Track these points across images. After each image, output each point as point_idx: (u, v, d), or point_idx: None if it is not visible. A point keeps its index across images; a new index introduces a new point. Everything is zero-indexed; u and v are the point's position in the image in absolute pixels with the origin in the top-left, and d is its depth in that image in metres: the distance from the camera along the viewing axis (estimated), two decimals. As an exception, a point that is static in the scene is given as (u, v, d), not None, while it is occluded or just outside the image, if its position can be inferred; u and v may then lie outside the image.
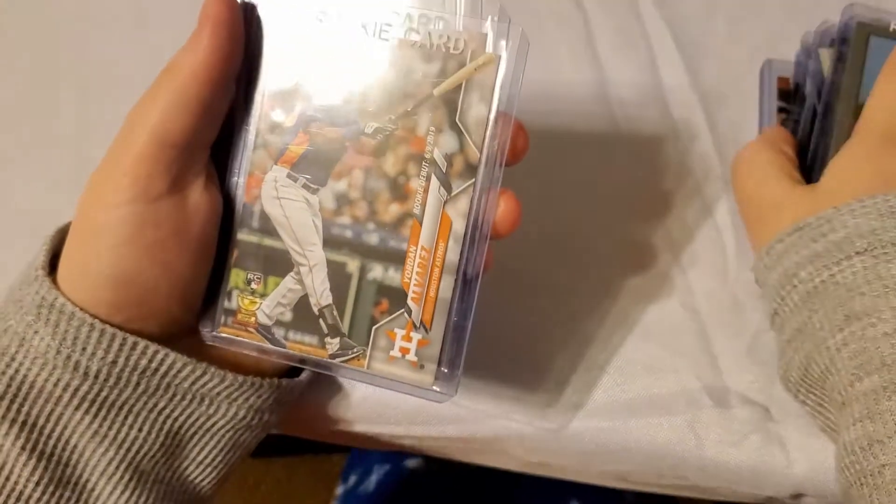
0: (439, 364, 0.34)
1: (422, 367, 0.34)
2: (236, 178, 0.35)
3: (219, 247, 0.36)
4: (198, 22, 0.33)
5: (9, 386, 0.34)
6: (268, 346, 0.36)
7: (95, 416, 0.35)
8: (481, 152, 0.33)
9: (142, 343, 0.34)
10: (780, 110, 0.49)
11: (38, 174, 0.51)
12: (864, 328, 0.36)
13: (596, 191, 0.48)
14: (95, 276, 0.34)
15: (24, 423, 0.34)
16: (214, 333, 0.37)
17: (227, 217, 0.36)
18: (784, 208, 0.41)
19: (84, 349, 0.34)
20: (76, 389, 0.34)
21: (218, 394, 0.37)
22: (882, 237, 0.36)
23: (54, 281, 0.35)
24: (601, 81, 0.51)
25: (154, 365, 0.35)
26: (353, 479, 0.79)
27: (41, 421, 0.34)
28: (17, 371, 0.34)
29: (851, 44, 0.43)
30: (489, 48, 0.32)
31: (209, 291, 0.37)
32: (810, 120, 0.45)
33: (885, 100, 0.40)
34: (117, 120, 0.35)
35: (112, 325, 0.34)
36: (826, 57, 0.45)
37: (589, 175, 0.49)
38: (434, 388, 0.34)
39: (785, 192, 0.41)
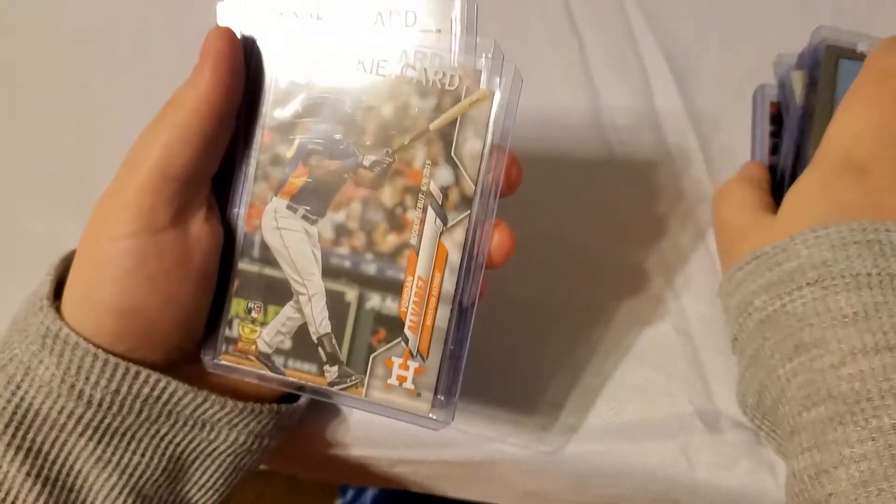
0: (436, 392, 0.35)
1: (419, 395, 0.35)
2: (237, 210, 0.36)
3: (220, 276, 0.37)
4: (199, 57, 0.34)
5: (14, 414, 0.35)
6: (268, 373, 0.37)
7: (99, 442, 0.36)
8: (476, 185, 0.34)
9: (144, 372, 0.35)
10: (773, 135, 0.50)
11: (40, 198, 0.52)
12: (813, 359, 0.36)
13: (590, 215, 0.49)
14: (99, 306, 0.35)
15: (30, 449, 0.35)
16: (216, 361, 0.37)
17: (228, 247, 0.37)
18: (748, 236, 0.41)
19: (87, 378, 0.35)
20: (80, 417, 0.35)
21: (219, 420, 0.38)
22: (832, 269, 0.36)
23: (59, 310, 0.36)
24: (595, 106, 0.52)
25: (156, 393, 0.36)
26: (350, 493, 0.80)
27: (46, 447, 0.35)
28: (22, 399, 0.35)
29: (822, 67, 0.44)
30: (483, 84, 0.34)
31: (210, 320, 0.38)
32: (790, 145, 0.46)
33: (843, 127, 0.40)
34: (119, 144, 0.36)
35: (115, 354, 0.35)
36: (798, 79, 0.46)
37: (583, 200, 0.50)
38: (431, 415, 0.35)
39: (752, 221, 0.42)
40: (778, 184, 0.46)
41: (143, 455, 0.37)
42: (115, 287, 0.35)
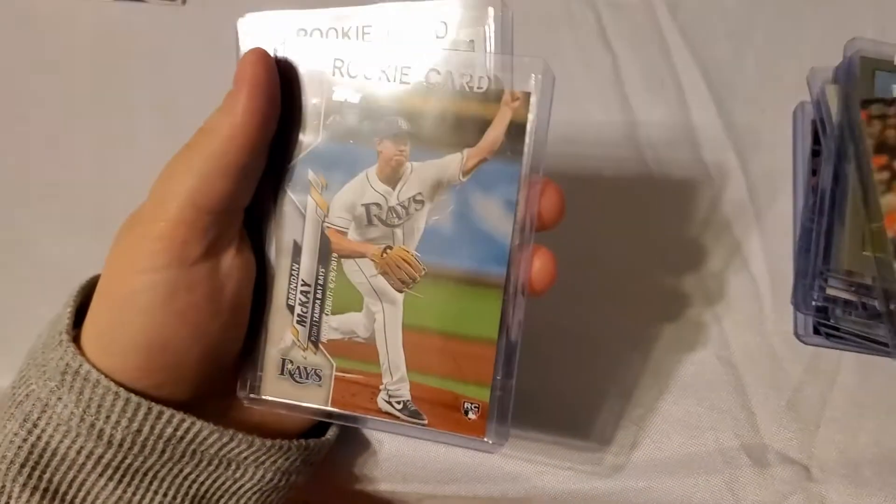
0: (489, 417, 0.34)
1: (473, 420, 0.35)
2: (272, 237, 0.36)
3: (255, 307, 0.36)
4: (234, 82, 0.33)
5: (30, 453, 0.33)
6: (300, 404, 0.36)
7: (119, 482, 0.35)
8: (515, 213, 0.33)
9: (167, 412, 0.34)
10: (815, 154, 0.48)
11: (55, 221, 0.51)
12: None
13: (626, 237, 0.49)
14: (125, 341, 0.34)
15: (46, 490, 0.34)
16: (252, 396, 0.37)
17: (261, 278, 0.36)
18: None
19: (108, 417, 0.33)
20: (100, 457, 0.34)
21: (245, 458, 0.37)
22: None
23: (79, 344, 0.34)
24: (631, 123, 0.51)
25: (180, 433, 0.35)
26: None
27: (63, 487, 0.34)
28: (38, 438, 0.34)
29: (857, 80, 0.43)
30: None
31: (245, 353, 0.37)
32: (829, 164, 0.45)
33: None
34: (135, 166, 0.35)
35: (139, 390, 0.34)
36: (833, 94, 0.45)
37: (618, 221, 0.49)
38: (486, 439, 0.35)
39: None
40: (818, 207, 0.44)
41: (164, 495, 0.36)
42: (142, 321, 0.33)
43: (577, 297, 0.47)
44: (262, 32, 0.35)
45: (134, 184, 0.34)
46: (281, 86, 0.34)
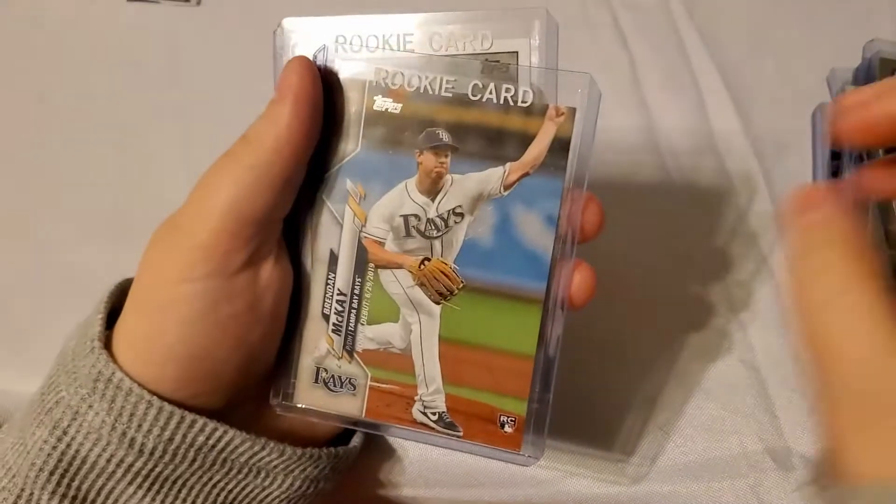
0: (526, 429, 0.35)
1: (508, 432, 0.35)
2: (309, 245, 0.36)
3: (289, 315, 0.36)
4: (277, 91, 0.33)
5: (60, 460, 0.33)
6: (334, 412, 0.36)
7: (148, 490, 0.34)
8: (557, 228, 0.33)
9: (200, 421, 0.34)
10: (835, 157, 0.48)
11: (73, 227, 0.51)
12: None
13: (649, 244, 0.49)
14: (162, 351, 0.33)
15: (75, 497, 0.33)
16: (285, 403, 0.37)
17: (296, 286, 0.36)
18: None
19: (140, 426, 0.33)
20: (130, 465, 0.34)
21: (275, 466, 0.37)
22: None
23: (110, 351, 0.34)
24: (650, 128, 0.51)
25: (212, 441, 0.35)
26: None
27: (92, 495, 0.34)
28: (68, 446, 0.33)
29: (877, 81, 0.43)
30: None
31: (278, 363, 0.37)
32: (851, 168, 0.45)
33: None
34: (152, 171, 0.35)
35: (173, 400, 0.34)
36: None
37: (641, 228, 0.49)
38: (522, 452, 0.35)
39: None
40: None
41: (193, 503, 0.36)
42: (181, 332, 0.33)
43: (599, 306, 0.46)
44: (300, 38, 0.34)
45: (148, 186, 0.34)
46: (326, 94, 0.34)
